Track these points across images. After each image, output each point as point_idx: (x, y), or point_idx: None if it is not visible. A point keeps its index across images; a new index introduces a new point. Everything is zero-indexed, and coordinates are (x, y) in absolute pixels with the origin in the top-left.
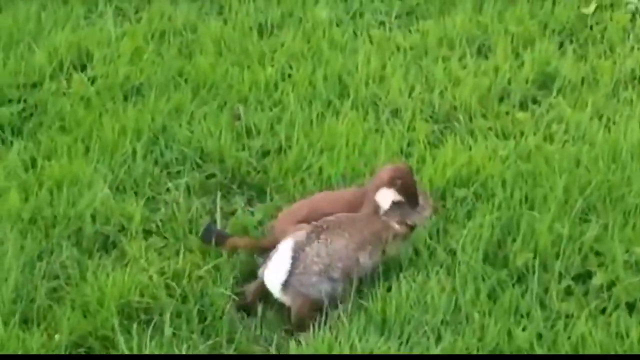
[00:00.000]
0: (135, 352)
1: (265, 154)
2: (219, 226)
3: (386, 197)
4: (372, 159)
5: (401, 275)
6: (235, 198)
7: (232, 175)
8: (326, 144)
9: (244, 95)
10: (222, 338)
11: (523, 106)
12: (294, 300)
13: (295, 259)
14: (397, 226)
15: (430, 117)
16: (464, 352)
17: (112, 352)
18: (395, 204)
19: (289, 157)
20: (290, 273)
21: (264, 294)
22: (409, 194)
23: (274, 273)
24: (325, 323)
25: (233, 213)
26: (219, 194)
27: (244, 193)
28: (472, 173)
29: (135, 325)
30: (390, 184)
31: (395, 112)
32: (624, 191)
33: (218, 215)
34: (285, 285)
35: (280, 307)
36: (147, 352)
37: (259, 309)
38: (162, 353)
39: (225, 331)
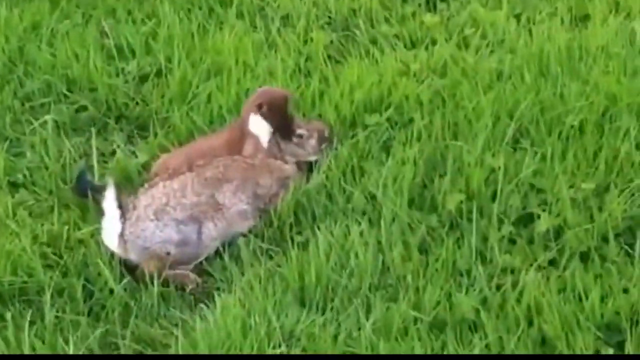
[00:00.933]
0: (12, 343)
1: (144, 79)
2: (96, 171)
3: (259, 125)
4: (267, 81)
5: (315, 227)
6: (113, 135)
7: (107, 108)
8: (212, 64)
9: (111, 5)
10: (114, 320)
11: (430, 5)
12: (140, 257)
13: (124, 208)
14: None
15: (328, 24)
16: (400, 325)
17: None
18: (274, 137)
19: (170, 82)
20: (123, 225)
21: None
22: (278, 121)
23: (106, 229)
24: (234, 292)
25: (113, 154)
26: (93, 131)
27: (122, 129)
28: (383, 95)
29: (9, 312)
30: (256, 109)
31: (287, 19)
32: (559, 110)
33: (94, 159)
34: (122, 240)
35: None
36: (26, 344)
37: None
38: (45, 343)
39: (118, 311)
